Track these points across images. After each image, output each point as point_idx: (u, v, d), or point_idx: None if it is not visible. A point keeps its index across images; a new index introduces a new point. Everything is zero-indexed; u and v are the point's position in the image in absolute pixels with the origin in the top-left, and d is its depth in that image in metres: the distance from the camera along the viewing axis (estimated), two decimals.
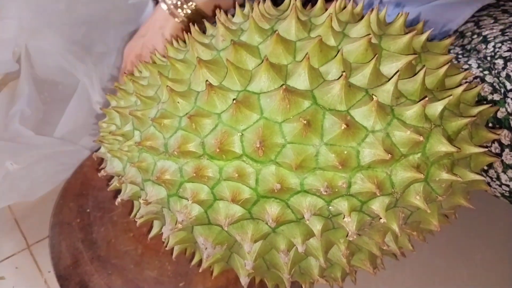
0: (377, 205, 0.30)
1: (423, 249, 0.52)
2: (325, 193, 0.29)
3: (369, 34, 0.31)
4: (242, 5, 0.40)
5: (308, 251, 0.33)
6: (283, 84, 0.30)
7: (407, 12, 0.35)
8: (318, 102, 0.29)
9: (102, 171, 0.41)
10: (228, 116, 0.30)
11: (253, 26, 0.32)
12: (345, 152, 0.28)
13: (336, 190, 0.29)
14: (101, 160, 0.49)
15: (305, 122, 0.28)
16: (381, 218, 0.30)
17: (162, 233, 0.41)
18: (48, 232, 0.52)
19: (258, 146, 0.29)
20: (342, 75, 0.28)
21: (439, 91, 0.32)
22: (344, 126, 0.28)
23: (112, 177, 0.48)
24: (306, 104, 0.29)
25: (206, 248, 0.34)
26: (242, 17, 0.37)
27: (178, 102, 0.32)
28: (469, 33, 0.45)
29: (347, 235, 0.31)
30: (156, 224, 0.41)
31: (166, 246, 0.38)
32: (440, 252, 0.55)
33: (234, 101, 0.29)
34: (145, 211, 0.37)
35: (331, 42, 0.31)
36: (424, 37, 0.33)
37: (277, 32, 0.31)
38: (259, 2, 0.36)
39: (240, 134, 0.30)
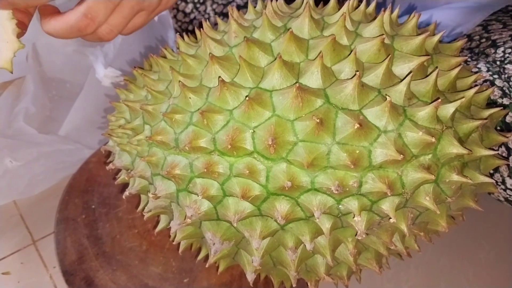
0: (387, 205, 0.30)
1: (428, 248, 0.52)
2: (336, 192, 0.29)
3: (382, 34, 0.31)
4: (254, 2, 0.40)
5: (315, 249, 0.33)
6: (296, 82, 0.30)
7: (419, 13, 0.35)
8: (331, 101, 0.29)
9: (111, 165, 0.42)
10: (240, 112, 0.30)
11: (266, 23, 0.33)
12: (357, 152, 0.28)
13: (347, 189, 0.29)
14: (108, 154, 0.49)
15: (317, 120, 0.28)
16: (390, 218, 0.30)
17: (167, 229, 0.42)
18: (53, 228, 0.53)
19: (270, 143, 0.29)
20: (355, 74, 0.28)
21: (451, 92, 0.32)
22: (357, 125, 0.28)
23: (118, 172, 0.49)
24: (319, 102, 0.29)
25: (213, 244, 0.34)
26: (255, 14, 0.37)
27: (189, 98, 0.32)
28: (477, 37, 0.46)
29: (355, 234, 0.31)
30: (163, 219, 0.41)
31: (173, 241, 0.39)
32: (445, 251, 0.55)
33: (247, 98, 0.29)
34: (153, 205, 0.37)
35: (344, 41, 0.31)
36: (436, 38, 0.33)
37: (290, 30, 0.31)
38: (237, 7, 0.36)
39: (252, 131, 0.30)
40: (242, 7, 0.56)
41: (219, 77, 0.32)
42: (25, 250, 0.54)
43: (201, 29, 0.37)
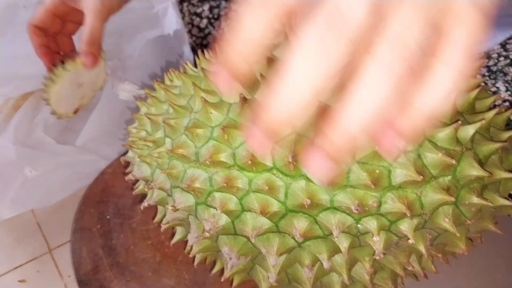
0: (406, 226, 0.29)
1: (443, 267, 0.51)
2: (355, 211, 0.29)
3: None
4: None
5: (332, 267, 0.33)
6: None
7: None
8: None
9: (130, 175, 0.42)
10: None
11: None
12: (377, 171, 0.28)
13: (366, 208, 0.29)
14: (126, 165, 0.50)
15: None
16: (409, 239, 0.29)
17: (180, 242, 0.42)
18: (69, 237, 0.54)
19: (290, 160, 0.29)
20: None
21: (470, 114, 0.32)
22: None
23: (134, 183, 0.49)
24: None
25: (230, 258, 0.34)
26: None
27: (211, 113, 0.33)
28: (495, 55, 0.45)
29: (373, 254, 0.31)
30: (179, 231, 0.42)
31: (188, 254, 0.39)
32: (461, 272, 0.54)
33: None
34: (171, 217, 0.38)
35: None
36: None
37: None
38: None
39: (272, 147, 0.30)
40: None
41: (241, 94, 0.32)
42: (41, 259, 0.55)
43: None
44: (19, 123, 0.59)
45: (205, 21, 0.62)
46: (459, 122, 0.29)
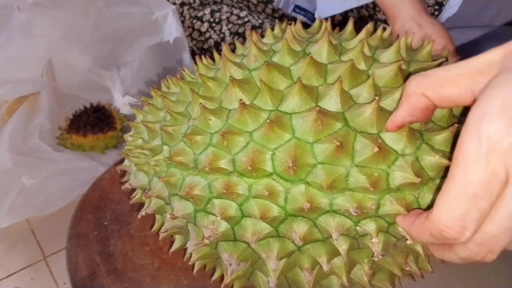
0: None
1: (437, 270, 0.52)
2: (354, 214, 0.29)
3: (400, 59, 0.32)
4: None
5: (331, 270, 0.33)
6: (315, 106, 0.31)
7: (434, 40, 0.36)
8: (350, 124, 0.30)
9: (127, 184, 0.42)
10: (260, 135, 0.31)
11: (286, 48, 0.34)
12: (376, 174, 0.29)
13: (365, 211, 0.29)
14: (123, 174, 0.49)
15: (338, 143, 0.29)
16: (407, 240, 0.30)
17: (181, 248, 0.42)
18: (64, 244, 0.53)
19: (290, 165, 0.29)
20: (374, 99, 0.29)
21: (465, 117, 0.33)
22: (376, 148, 0.28)
23: (132, 191, 0.49)
24: (338, 125, 0.30)
25: (230, 264, 0.34)
26: (273, 38, 0.38)
27: (210, 119, 0.33)
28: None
29: (372, 256, 0.31)
30: (178, 239, 0.42)
31: (187, 261, 0.39)
32: (454, 274, 0.55)
33: (268, 121, 0.30)
34: (169, 226, 0.38)
35: (362, 66, 0.32)
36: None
37: (310, 55, 0.32)
38: (290, 24, 0.37)
39: (272, 153, 0.30)
40: (257, 27, 0.58)
41: (240, 99, 0.32)
42: (36, 266, 0.54)
43: (221, 52, 0.37)
44: (14, 130, 0.59)
45: (206, 25, 0.63)
46: (456, 125, 0.29)
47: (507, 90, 0.20)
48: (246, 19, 0.60)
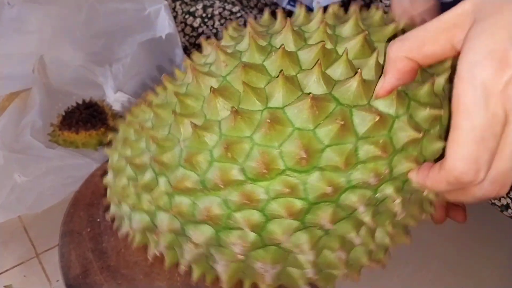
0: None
1: (433, 264, 0.52)
2: (374, 183, 0.30)
3: (362, 30, 0.33)
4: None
5: (361, 241, 0.34)
6: (301, 94, 0.31)
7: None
8: (341, 102, 0.31)
9: (123, 231, 0.40)
10: (261, 136, 0.31)
11: (254, 46, 0.34)
12: (381, 141, 0.30)
13: (382, 177, 0.31)
14: (113, 220, 0.46)
15: (342, 122, 0.29)
16: (423, 192, 0.32)
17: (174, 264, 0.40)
18: (56, 241, 0.53)
19: (304, 156, 0.30)
20: (357, 72, 0.30)
21: (434, 68, 0.34)
22: (377, 117, 0.30)
23: (126, 234, 0.45)
24: (332, 106, 0.30)
25: (266, 271, 0.34)
26: (231, 39, 0.38)
27: (204, 137, 0.32)
28: None
29: (394, 217, 0.33)
30: (196, 267, 0.40)
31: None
32: (450, 271, 0.55)
33: (268, 120, 0.30)
34: (191, 256, 0.36)
35: (329, 45, 0.33)
36: (402, 24, 0.36)
37: (282, 46, 0.32)
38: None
39: (278, 150, 0.30)
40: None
41: (232, 107, 0.32)
42: (28, 263, 0.54)
43: (190, 64, 0.36)
44: (5, 127, 0.59)
45: (198, 20, 0.62)
46: (434, 77, 0.31)
47: (488, 37, 0.22)
48: (238, 15, 0.60)
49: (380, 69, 0.32)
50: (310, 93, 0.31)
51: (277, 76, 0.32)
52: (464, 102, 0.22)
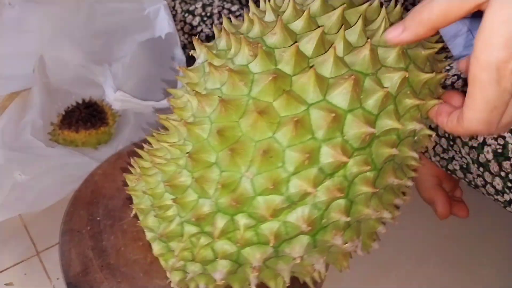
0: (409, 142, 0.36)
1: (430, 265, 0.52)
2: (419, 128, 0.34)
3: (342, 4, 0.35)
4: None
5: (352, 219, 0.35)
6: (347, 74, 0.33)
7: None
8: (368, 76, 0.33)
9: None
10: (248, 126, 0.32)
11: (263, 56, 0.33)
12: (408, 92, 0.34)
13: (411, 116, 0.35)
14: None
15: (334, 116, 0.31)
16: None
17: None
18: (57, 239, 0.53)
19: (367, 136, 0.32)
20: (367, 41, 0.33)
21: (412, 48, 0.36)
22: (406, 74, 0.33)
23: (124, 184, 0.47)
24: (363, 79, 0.33)
25: (315, 270, 0.38)
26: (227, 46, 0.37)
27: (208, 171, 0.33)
28: None
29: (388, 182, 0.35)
30: (176, 274, 0.42)
31: None
32: (446, 268, 0.55)
33: (295, 119, 0.31)
34: (222, 275, 0.38)
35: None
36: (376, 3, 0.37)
37: (296, 44, 0.32)
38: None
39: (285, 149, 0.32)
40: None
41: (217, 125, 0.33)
42: (29, 261, 0.54)
43: (188, 90, 0.36)
44: (6, 126, 0.59)
45: (197, 18, 0.63)
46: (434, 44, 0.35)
47: (508, 25, 0.25)
48: (237, 13, 0.60)
49: (376, 59, 0.33)
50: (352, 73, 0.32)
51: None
52: (480, 79, 0.26)
